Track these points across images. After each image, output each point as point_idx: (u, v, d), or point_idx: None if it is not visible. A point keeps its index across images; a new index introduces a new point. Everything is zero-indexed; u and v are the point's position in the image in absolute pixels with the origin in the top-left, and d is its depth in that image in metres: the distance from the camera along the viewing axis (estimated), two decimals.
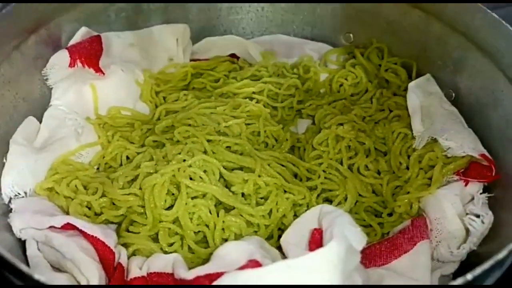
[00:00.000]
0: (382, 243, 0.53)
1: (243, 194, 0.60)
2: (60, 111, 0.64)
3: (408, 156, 0.63)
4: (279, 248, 0.53)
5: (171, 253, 0.53)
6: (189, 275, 0.43)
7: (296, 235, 0.48)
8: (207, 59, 0.81)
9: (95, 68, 0.68)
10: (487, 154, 0.56)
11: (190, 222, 0.55)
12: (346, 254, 0.38)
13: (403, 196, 0.58)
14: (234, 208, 0.57)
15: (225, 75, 0.78)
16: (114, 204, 0.57)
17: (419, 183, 0.58)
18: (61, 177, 0.58)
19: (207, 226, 0.55)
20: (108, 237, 0.51)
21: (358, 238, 0.43)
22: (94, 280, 0.45)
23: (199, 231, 0.56)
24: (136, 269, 0.47)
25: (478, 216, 0.51)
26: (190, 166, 0.58)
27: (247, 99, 0.73)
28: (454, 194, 0.54)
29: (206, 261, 0.52)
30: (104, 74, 0.69)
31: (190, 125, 0.66)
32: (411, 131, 0.64)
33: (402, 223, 0.57)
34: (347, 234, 0.42)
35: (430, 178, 0.58)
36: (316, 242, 0.46)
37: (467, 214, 0.53)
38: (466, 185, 0.55)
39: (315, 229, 0.47)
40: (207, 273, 0.42)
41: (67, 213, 0.55)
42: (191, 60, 0.81)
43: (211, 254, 0.52)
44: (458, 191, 0.55)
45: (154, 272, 0.46)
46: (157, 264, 0.47)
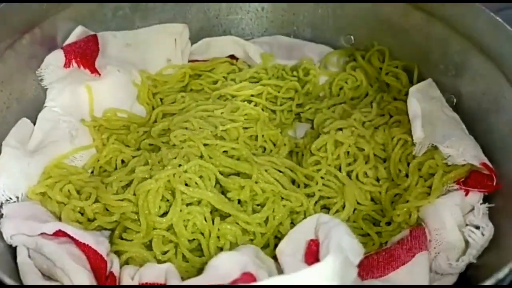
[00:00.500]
0: (380, 253, 0.52)
1: (239, 201, 0.59)
2: (55, 113, 0.63)
3: (408, 163, 0.61)
4: (275, 257, 0.52)
5: (165, 261, 0.53)
6: None
7: (292, 245, 0.47)
8: (205, 60, 0.80)
9: (91, 68, 0.67)
10: (488, 162, 0.55)
11: (184, 229, 0.54)
12: (343, 268, 0.37)
13: (402, 205, 0.57)
14: (230, 215, 0.56)
15: (223, 77, 0.77)
16: (108, 210, 0.56)
17: (418, 192, 0.57)
18: (54, 181, 0.56)
19: (202, 234, 0.54)
20: (100, 245, 0.50)
21: (355, 250, 0.42)
22: None
23: (194, 239, 0.55)
24: (128, 278, 0.47)
25: (478, 227, 0.50)
26: (186, 172, 0.57)
27: (246, 102, 0.71)
28: (454, 204, 0.53)
29: (200, 270, 0.51)
30: (100, 74, 0.68)
31: (186, 128, 0.65)
32: (411, 137, 0.63)
33: (401, 232, 0.56)
34: (344, 246, 0.41)
35: (430, 187, 0.57)
36: (312, 253, 0.45)
37: (467, 225, 0.52)
38: (466, 194, 0.54)
39: (312, 240, 0.46)
40: (200, 285, 0.41)
41: (60, 219, 0.54)
42: (190, 61, 0.80)
43: (206, 263, 0.52)
44: (458, 201, 0.53)
45: (146, 283, 0.45)
46: (149, 274, 0.46)
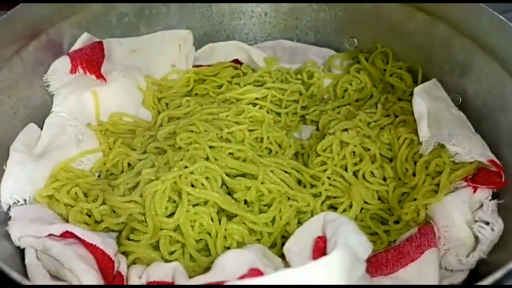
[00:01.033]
0: (389, 251, 0.52)
1: (245, 202, 0.58)
2: (61, 117, 0.63)
3: (415, 162, 0.61)
4: (283, 256, 0.52)
5: (172, 261, 0.52)
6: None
7: (299, 243, 0.47)
8: (210, 65, 0.81)
9: (96, 74, 0.68)
10: (495, 159, 0.55)
11: (191, 230, 0.54)
12: (350, 264, 0.37)
13: (410, 203, 0.56)
14: (237, 215, 0.56)
15: (228, 81, 0.78)
16: (115, 211, 0.56)
17: (426, 190, 0.57)
18: (61, 184, 0.57)
19: (209, 234, 0.54)
20: (108, 245, 0.49)
21: (363, 247, 0.41)
22: None
23: (201, 239, 0.54)
24: (136, 278, 0.46)
25: (487, 223, 0.49)
26: (192, 173, 0.57)
27: (250, 105, 0.72)
28: (462, 201, 0.52)
29: (207, 269, 0.51)
30: (106, 80, 0.69)
31: (192, 131, 0.65)
32: (418, 136, 0.62)
33: (409, 230, 0.55)
34: (352, 243, 0.40)
35: (437, 185, 0.57)
36: (319, 250, 0.45)
37: (476, 221, 0.52)
38: (474, 191, 0.54)
39: (319, 237, 0.45)
40: (208, 282, 0.41)
41: (67, 221, 0.54)
42: (194, 66, 0.80)
43: (213, 262, 0.52)
44: (467, 198, 0.53)
45: (154, 282, 0.45)
46: (156, 273, 0.46)
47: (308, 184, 0.62)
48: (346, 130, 0.65)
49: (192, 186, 0.57)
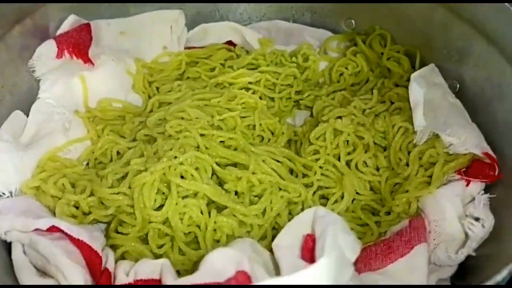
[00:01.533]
0: (378, 245, 0.51)
1: (236, 192, 0.58)
2: (48, 104, 0.62)
3: (409, 152, 0.60)
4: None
5: (161, 254, 0.52)
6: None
7: (288, 239, 0.46)
8: (202, 47, 0.78)
9: (84, 58, 0.66)
10: (490, 152, 0.54)
11: (180, 223, 0.53)
12: (338, 269, 0.37)
13: (401, 195, 0.56)
14: (227, 207, 0.55)
15: (221, 64, 0.76)
16: (103, 203, 0.55)
17: (418, 181, 0.56)
18: (48, 175, 0.56)
19: (198, 227, 0.54)
20: (95, 240, 0.49)
21: (352, 247, 0.41)
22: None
23: (190, 232, 0.54)
24: (123, 275, 0.46)
25: (478, 219, 0.49)
26: (182, 164, 0.56)
27: (243, 90, 0.70)
28: (454, 195, 0.52)
29: (196, 263, 0.51)
30: (93, 64, 0.67)
31: (183, 118, 0.64)
32: (412, 125, 0.61)
33: (400, 222, 0.55)
34: (341, 243, 0.40)
35: (430, 176, 0.56)
36: (308, 249, 0.44)
37: (467, 215, 0.51)
38: (467, 185, 0.53)
39: (308, 234, 0.45)
40: (194, 283, 0.41)
41: (55, 213, 0.54)
42: (186, 47, 0.78)
43: (202, 256, 0.51)
44: (459, 191, 0.52)
45: (141, 279, 0.45)
46: (144, 269, 0.46)
47: (300, 174, 0.61)
48: (340, 117, 0.64)
49: (182, 177, 0.56)
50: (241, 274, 0.40)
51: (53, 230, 0.49)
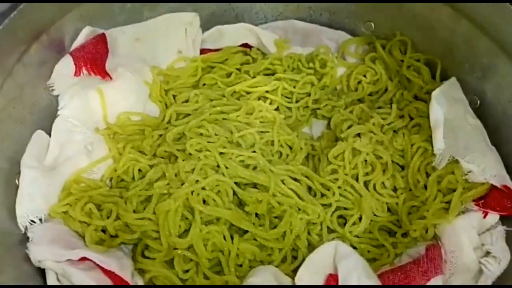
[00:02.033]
0: (395, 273, 0.53)
1: (256, 214, 0.59)
2: (69, 123, 0.62)
3: (427, 174, 0.61)
4: (293, 271, 0.54)
5: (186, 279, 0.55)
6: None
7: (310, 275, 0.49)
8: (218, 49, 0.77)
9: (102, 74, 0.65)
10: (509, 184, 0.54)
11: (204, 249, 0.55)
12: None
13: (419, 221, 0.57)
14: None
15: (237, 69, 0.75)
16: (129, 226, 0.57)
17: (436, 208, 0.57)
18: (74, 198, 0.57)
19: (222, 252, 0.56)
20: (125, 270, 0.51)
21: None
22: None
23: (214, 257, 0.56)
24: None
25: (494, 257, 0.50)
26: (204, 188, 0.58)
27: (261, 101, 0.70)
28: (471, 227, 0.53)
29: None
30: (111, 78, 0.66)
31: (201, 134, 0.64)
32: (432, 144, 0.61)
33: (416, 245, 0.57)
34: None
35: (448, 202, 0.57)
36: None
37: (482, 245, 0.53)
38: (484, 217, 0.54)
39: (331, 274, 0.47)
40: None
41: (83, 236, 0.56)
42: (201, 50, 0.77)
43: (226, 282, 0.54)
44: (476, 223, 0.54)
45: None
46: None
47: (318, 192, 0.62)
48: (358, 135, 0.64)
49: (204, 201, 0.57)
50: None
51: (84, 259, 0.51)
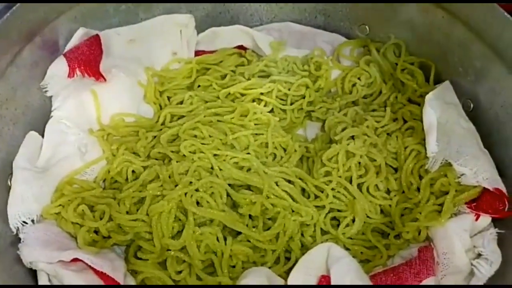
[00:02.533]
0: (388, 274, 0.53)
1: (250, 215, 0.59)
2: (62, 124, 0.62)
3: (420, 176, 0.61)
4: (287, 272, 0.54)
5: (179, 281, 0.55)
6: None
7: (303, 277, 0.48)
8: (212, 51, 0.77)
9: (96, 76, 0.65)
10: (501, 187, 0.54)
11: (198, 251, 0.55)
12: None
13: (412, 223, 0.57)
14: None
15: (232, 71, 0.75)
16: (122, 228, 0.57)
17: (429, 210, 0.57)
18: (67, 199, 0.57)
19: (215, 253, 0.56)
20: (117, 271, 0.51)
21: None
22: None
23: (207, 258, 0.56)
24: None
25: (486, 258, 0.51)
26: (197, 190, 0.57)
27: (255, 103, 0.70)
28: (463, 230, 0.53)
29: None
30: (105, 80, 0.66)
31: (196, 136, 0.64)
32: (425, 147, 0.61)
33: (409, 247, 0.57)
34: None
35: (441, 204, 0.57)
36: None
37: (474, 247, 0.53)
38: (477, 219, 0.54)
39: (323, 276, 0.47)
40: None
41: (76, 238, 0.56)
42: (196, 51, 0.77)
43: (219, 283, 0.54)
44: (468, 225, 0.54)
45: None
46: None
47: (312, 194, 0.62)
48: (352, 137, 0.64)
49: (197, 203, 0.57)
50: None
51: (76, 260, 0.51)
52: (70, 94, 0.63)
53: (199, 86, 0.74)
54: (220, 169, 0.61)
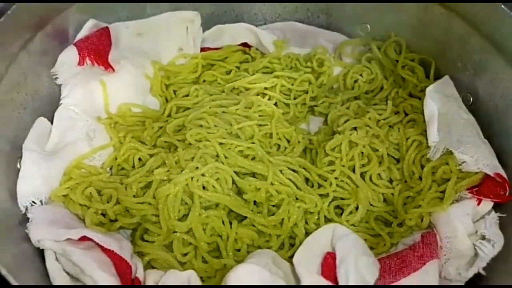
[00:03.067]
0: (392, 258, 0.54)
1: (255, 202, 0.60)
2: (71, 111, 0.63)
3: (422, 166, 0.62)
4: (291, 257, 0.54)
5: (185, 263, 0.55)
6: None
7: (308, 256, 0.49)
8: (217, 48, 0.79)
9: (104, 65, 0.67)
10: (502, 172, 0.56)
11: (203, 233, 0.56)
12: None
13: (414, 210, 0.58)
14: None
15: (236, 67, 0.77)
16: (129, 211, 0.57)
17: (431, 197, 0.58)
18: (75, 183, 0.58)
19: (220, 237, 0.56)
20: (124, 250, 0.52)
21: (371, 271, 0.44)
22: None
23: (212, 241, 0.56)
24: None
25: (488, 240, 0.52)
26: (203, 175, 0.58)
27: (259, 96, 0.71)
28: (465, 214, 0.54)
29: (219, 271, 0.54)
30: (114, 70, 0.67)
31: (201, 125, 0.65)
32: (426, 138, 0.63)
33: (412, 234, 0.58)
34: (361, 268, 0.43)
35: (443, 191, 0.58)
36: (328, 266, 0.47)
37: (477, 231, 0.54)
38: (478, 204, 0.55)
39: (328, 252, 0.47)
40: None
41: (83, 220, 0.56)
42: (201, 48, 0.79)
43: (224, 265, 0.54)
44: (470, 210, 0.55)
45: None
46: (172, 282, 0.49)
47: (315, 183, 0.63)
48: (355, 128, 0.66)
49: (204, 188, 0.58)
50: None
51: (84, 239, 0.52)
52: (79, 82, 0.65)
53: (204, 81, 0.76)
54: (226, 157, 0.62)
